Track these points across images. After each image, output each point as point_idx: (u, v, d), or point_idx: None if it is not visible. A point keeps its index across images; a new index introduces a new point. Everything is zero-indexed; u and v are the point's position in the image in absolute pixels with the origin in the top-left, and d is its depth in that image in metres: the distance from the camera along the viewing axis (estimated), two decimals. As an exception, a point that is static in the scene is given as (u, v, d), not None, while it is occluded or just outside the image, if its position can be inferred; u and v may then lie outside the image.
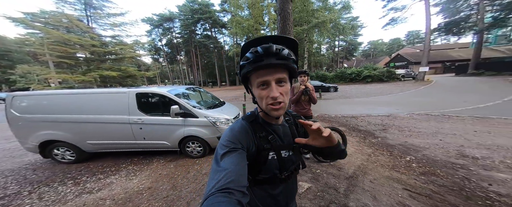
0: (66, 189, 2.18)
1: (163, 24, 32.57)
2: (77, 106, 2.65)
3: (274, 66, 0.44)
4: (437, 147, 2.80)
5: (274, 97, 0.44)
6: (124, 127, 2.71)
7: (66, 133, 2.66)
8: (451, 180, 1.94)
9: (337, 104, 7.62)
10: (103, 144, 2.80)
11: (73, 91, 2.80)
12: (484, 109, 5.19)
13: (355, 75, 18.15)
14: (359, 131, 3.82)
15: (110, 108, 2.68)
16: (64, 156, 2.83)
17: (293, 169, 0.60)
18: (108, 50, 17.69)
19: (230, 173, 0.38)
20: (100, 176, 2.48)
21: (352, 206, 1.57)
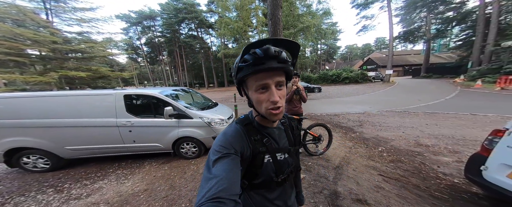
0: (48, 197, 1.95)
1: (143, 22, 29.94)
2: (53, 110, 2.36)
3: (274, 69, 0.42)
4: (400, 139, 3.32)
5: (275, 101, 0.43)
6: (111, 131, 2.51)
7: (38, 139, 2.35)
8: (412, 165, 2.35)
9: (322, 104, 8.22)
10: (85, 149, 2.55)
11: (47, 94, 2.48)
12: (433, 106, 6.26)
13: (335, 77, 19.63)
14: (341, 127, 4.24)
15: (94, 111, 2.45)
16: (36, 164, 2.49)
17: (290, 172, 0.57)
18: (73, 47, 15.38)
19: (222, 181, 0.36)
20: (86, 182, 2.27)
21: (340, 191, 1.80)
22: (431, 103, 6.71)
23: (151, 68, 37.57)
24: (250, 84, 0.46)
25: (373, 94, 10.71)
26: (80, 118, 2.41)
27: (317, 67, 36.84)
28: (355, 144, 3.18)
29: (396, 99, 8.23)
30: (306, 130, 2.52)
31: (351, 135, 3.65)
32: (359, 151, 2.87)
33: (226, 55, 21.41)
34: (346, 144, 3.17)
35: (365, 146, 3.08)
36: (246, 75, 0.43)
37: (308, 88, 13.28)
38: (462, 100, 6.83)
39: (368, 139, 3.40)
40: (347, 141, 3.34)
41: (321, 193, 1.79)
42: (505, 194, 1.27)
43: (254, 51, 0.41)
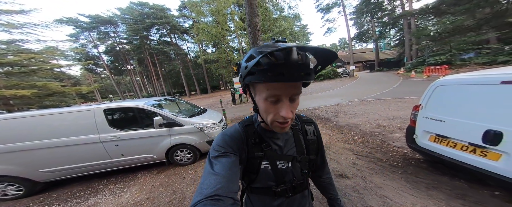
0: None
1: (99, 28, 26.08)
2: (20, 132, 2.04)
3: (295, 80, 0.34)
4: (365, 123, 3.98)
5: (285, 117, 0.38)
6: (94, 147, 2.30)
7: (3, 166, 2.02)
8: (376, 143, 2.89)
9: (303, 100, 8.88)
10: (65, 170, 2.28)
11: (10, 116, 2.10)
12: (385, 93, 7.58)
13: None
14: (321, 119, 4.78)
15: (71, 129, 2.21)
16: (5, 191, 2.13)
17: (298, 184, 0.51)
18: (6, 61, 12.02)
19: (220, 179, 0.36)
20: (77, 200, 2.08)
21: (326, 170, 2.14)
22: (384, 91, 8.10)
23: (116, 79, 32.88)
24: (259, 89, 0.39)
25: (343, 87, 12.15)
26: (54, 138, 2.12)
27: None
28: (333, 131, 3.68)
29: (361, 90, 9.57)
30: None
31: (329, 125, 4.17)
32: (336, 137, 3.34)
33: (206, 61, 20.67)
34: (326, 132, 3.63)
35: (341, 132, 3.60)
36: (259, 81, 0.36)
37: None
38: (404, 87, 8.46)
39: (342, 126, 3.97)
40: (327, 129, 3.82)
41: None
42: (431, 154, 1.67)
43: (273, 53, 0.33)
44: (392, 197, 1.54)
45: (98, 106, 2.42)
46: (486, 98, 1.32)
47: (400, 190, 1.63)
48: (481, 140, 1.29)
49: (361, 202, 1.55)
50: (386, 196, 1.57)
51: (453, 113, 1.53)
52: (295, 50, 0.32)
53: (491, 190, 1.45)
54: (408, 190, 1.62)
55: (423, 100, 1.80)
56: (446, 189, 1.56)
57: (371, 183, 1.80)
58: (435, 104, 1.70)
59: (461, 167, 1.43)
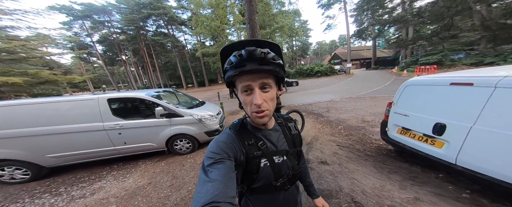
0: (48, 200, 1.94)
1: (93, 16, 24.88)
2: (28, 119, 2.18)
3: (256, 71, 0.41)
4: (353, 118, 4.29)
5: (257, 105, 0.41)
6: (98, 135, 2.48)
7: (12, 150, 2.17)
8: (358, 136, 3.18)
9: (299, 96, 9.16)
10: (71, 156, 2.45)
11: (18, 102, 2.24)
12: (376, 91, 7.92)
13: (309, 71, 21.55)
14: (314, 114, 5.07)
15: (76, 117, 2.37)
16: (13, 175, 2.29)
17: (291, 175, 0.55)
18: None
19: (217, 185, 0.36)
20: (82, 184, 2.28)
21: (311, 158, 2.42)
22: (375, 89, 8.44)
23: (110, 69, 31.88)
24: (237, 85, 0.45)
25: (338, 84, 12.44)
26: (60, 125, 2.28)
27: (294, 62, 39.13)
28: (323, 125, 3.96)
29: (354, 87, 9.88)
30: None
31: (320, 119, 4.46)
32: (325, 130, 3.63)
33: (205, 54, 20.46)
34: (316, 126, 3.92)
35: (329, 126, 3.89)
36: (232, 76, 0.42)
37: (287, 82, 14.37)
38: (394, 86, 8.81)
39: (332, 121, 4.26)
40: (317, 124, 4.11)
41: None
42: (397, 144, 1.95)
43: (240, 52, 0.39)
44: (359, 179, 1.84)
45: (102, 95, 2.55)
46: (438, 97, 1.58)
47: (367, 174, 1.93)
48: (431, 131, 1.56)
49: (334, 182, 1.84)
50: (355, 178, 1.87)
51: (415, 109, 1.80)
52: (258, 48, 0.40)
53: (436, 173, 1.77)
54: (373, 174, 1.92)
55: (395, 98, 2.06)
56: (403, 173, 1.87)
57: (346, 168, 2.09)
58: (404, 101, 1.96)
59: (417, 155, 1.72)
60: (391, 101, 2.13)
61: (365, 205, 1.46)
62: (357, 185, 1.75)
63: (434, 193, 1.52)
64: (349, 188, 1.71)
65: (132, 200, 1.87)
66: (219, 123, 3.27)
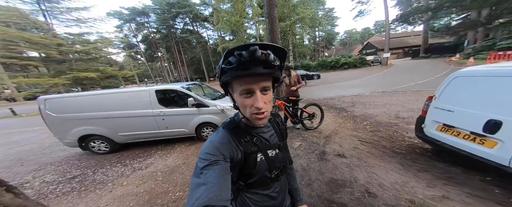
0: (119, 169, 2.67)
1: (136, 19, 28.95)
2: (107, 104, 2.98)
3: (260, 75, 0.41)
4: (383, 114, 3.89)
5: (259, 108, 0.42)
6: (149, 119, 3.14)
7: (100, 128, 3.02)
8: (387, 133, 2.93)
9: (320, 89, 8.70)
10: (132, 135, 3.22)
11: (98, 92, 3.09)
12: (421, 84, 6.70)
13: (334, 63, 19.70)
14: (335, 108, 4.82)
15: (135, 104, 3.05)
16: (99, 147, 3.20)
17: (282, 166, 0.59)
18: (79, 49, 15.74)
19: (211, 188, 0.35)
20: (139, 159, 2.98)
21: (327, 150, 2.45)
22: (420, 82, 7.13)
23: (149, 65, 37.29)
24: (235, 87, 0.44)
25: (370, 77, 11.05)
26: (126, 110, 3.03)
27: (316, 54, 36.31)
28: (345, 120, 3.78)
29: (390, 80, 8.62)
30: (302, 109, 3.11)
31: (343, 114, 4.23)
32: (347, 125, 3.47)
33: (225, 49, 21.48)
34: (337, 121, 3.77)
35: (353, 121, 3.68)
36: (230, 79, 0.41)
37: (307, 75, 13.65)
38: (450, 78, 7.22)
39: (357, 116, 3.99)
40: (339, 118, 3.94)
41: (313, 152, 2.44)
42: (435, 143, 1.78)
43: (240, 53, 0.38)
44: (379, 174, 1.79)
45: (151, 87, 3.17)
46: (496, 90, 1.36)
47: (390, 169, 1.85)
48: (482, 129, 1.38)
49: (349, 174, 1.86)
50: (375, 173, 1.82)
51: (462, 104, 1.58)
52: (258, 48, 0.38)
53: (483, 176, 1.54)
54: (398, 170, 1.82)
55: (438, 91, 1.83)
56: (437, 172, 1.70)
57: (365, 163, 2.04)
58: (449, 94, 1.73)
59: (459, 155, 1.54)
60: (432, 95, 1.90)
61: (380, 196, 1.46)
62: (374, 178, 1.73)
63: (470, 194, 1.37)
64: (365, 180, 1.71)
65: (172, 175, 2.34)
66: None
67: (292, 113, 3.13)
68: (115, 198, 1.97)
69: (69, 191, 2.22)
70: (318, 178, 1.85)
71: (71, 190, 2.22)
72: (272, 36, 4.14)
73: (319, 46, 37.70)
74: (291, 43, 15.08)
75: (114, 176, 2.48)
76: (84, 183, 2.35)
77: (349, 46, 48.96)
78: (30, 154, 3.66)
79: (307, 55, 29.99)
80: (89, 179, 2.45)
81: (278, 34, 4.08)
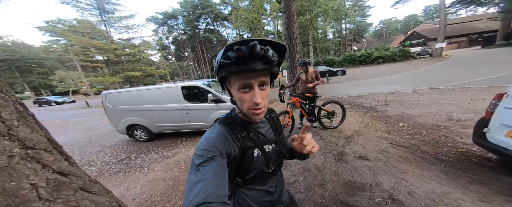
0: (153, 155, 3.17)
1: (168, 22, 33.04)
2: (146, 99, 3.57)
3: (259, 70, 0.41)
4: (429, 115, 3.25)
5: (257, 103, 0.42)
6: (177, 113, 3.58)
7: (141, 119, 3.64)
8: (431, 137, 2.45)
9: (344, 87, 7.92)
10: (164, 126, 3.75)
11: (141, 88, 3.72)
12: (492, 79, 5.22)
13: (364, 57, 17.59)
14: (362, 107, 4.31)
15: (166, 99, 3.54)
16: (140, 136, 3.87)
17: (279, 161, 0.60)
18: (128, 52, 19.30)
19: (208, 185, 0.35)
20: (168, 148, 3.45)
21: (347, 151, 2.25)
22: (491, 76, 5.54)
23: (178, 64, 42.06)
24: (233, 81, 0.44)
25: (415, 72, 9.35)
26: (160, 104, 3.56)
27: (342, 49, 32.90)
28: (374, 121, 3.35)
29: (443, 75, 7.08)
30: (320, 106, 2.93)
31: (371, 114, 3.76)
32: (376, 126, 3.07)
33: None
34: (363, 121, 3.38)
35: (384, 122, 3.23)
36: (228, 73, 0.41)
37: (330, 72, 12.65)
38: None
39: (390, 116, 3.47)
40: (366, 118, 3.52)
41: (330, 152, 2.29)
42: (504, 152, 1.38)
43: (239, 47, 0.39)
44: (410, 181, 1.54)
45: (178, 84, 3.61)
46: None
47: (428, 177, 1.56)
48: None
49: (372, 178, 1.66)
50: (405, 179, 1.58)
51: None
52: (257, 44, 0.38)
53: None
54: (439, 179, 1.52)
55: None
56: (498, 186, 1.34)
57: (394, 168, 1.79)
58: None
59: None
60: (502, 93, 1.50)
61: (408, 204, 1.26)
62: (403, 185, 1.50)
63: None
64: (390, 186, 1.51)
65: (194, 165, 2.66)
66: None
67: (308, 110, 3.00)
68: (148, 181, 2.25)
69: (117, 171, 2.67)
70: (333, 179, 1.74)
71: (119, 171, 2.68)
72: (289, 31, 4.02)
73: (346, 39, 34.01)
74: (311, 37, 13.96)
75: (149, 161, 2.94)
76: (128, 166, 2.81)
77: (387, 37, 42.25)
78: (96, 138, 4.73)
79: (330, 50, 27.52)
80: (132, 162, 2.96)
81: (296, 29, 3.96)
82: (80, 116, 8.76)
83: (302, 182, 1.75)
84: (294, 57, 4.26)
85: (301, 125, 3.37)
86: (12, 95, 0.45)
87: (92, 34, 17.92)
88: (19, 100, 0.45)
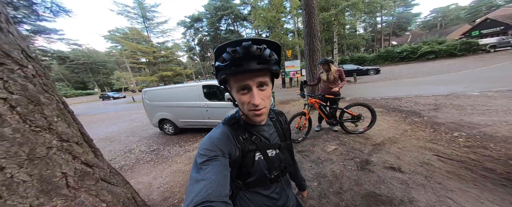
0: (177, 148, 3.54)
1: (194, 25, 36.51)
2: (173, 96, 4.05)
3: (255, 70, 0.40)
4: (503, 124, 2.53)
5: (256, 104, 0.42)
6: (198, 110, 3.91)
7: (169, 114, 4.14)
8: (503, 152, 1.91)
9: (377, 87, 6.96)
10: (187, 122, 4.15)
11: (170, 86, 4.23)
12: None
13: (408, 53, 15.10)
14: (400, 111, 3.71)
15: (189, 97, 3.92)
16: (168, 129, 4.40)
17: (283, 167, 0.59)
18: (163, 54, 22.56)
19: (210, 184, 0.36)
20: (189, 143, 3.79)
21: (373, 160, 1.98)
22: None
23: (202, 64, 45.78)
24: (231, 84, 0.44)
25: (485, 69, 7.42)
26: (184, 101, 3.97)
27: (376, 44, 28.78)
28: (415, 127, 2.84)
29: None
30: (344, 109, 2.68)
31: (412, 119, 3.19)
32: (417, 134, 2.60)
33: None
34: (400, 127, 2.91)
35: (431, 130, 2.70)
36: (227, 75, 0.41)
37: (359, 70, 11.34)
38: None
39: (441, 123, 2.88)
40: (404, 124, 3.02)
41: (351, 159, 2.07)
42: None
43: (234, 49, 0.38)
44: (460, 201, 1.24)
45: (199, 83, 3.94)
46: None
47: (489, 201, 1.23)
48: None
49: (403, 192, 1.42)
50: (452, 198, 1.28)
51: None
52: (252, 43, 0.38)
53: None
54: (505, 204, 1.16)
55: None
56: None
57: (438, 184, 1.48)
58: None
59: None
60: None
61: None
62: (448, 204, 1.22)
63: None
64: (428, 204, 1.26)
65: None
66: None
67: (328, 113, 2.77)
68: (171, 172, 2.42)
69: (149, 160, 2.97)
70: (352, 188, 1.58)
71: (150, 160, 2.98)
72: (309, 29, 3.84)
73: (382, 34, 29.55)
74: (336, 34, 12.48)
75: (173, 154, 3.27)
76: (157, 156, 3.10)
77: (442, 28, 34.62)
78: (137, 129, 5.59)
79: (360, 47, 24.41)
80: (160, 153, 3.23)
81: (316, 26, 3.76)
82: (128, 110, 10.52)
83: (316, 189, 1.65)
84: (313, 56, 4.04)
85: (320, 128, 3.16)
86: (56, 94, 0.55)
87: (138, 39, 21.65)
88: (61, 99, 0.56)
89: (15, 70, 0.41)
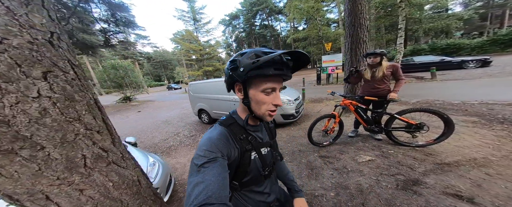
0: None
1: (232, 22, 38.26)
2: (209, 89, 4.54)
3: (287, 78, 0.48)
4: None
5: (279, 105, 0.47)
6: (227, 103, 4.18)
7: (206, 105, 4.70)
8: None
9: (475, 86, 4.77)
10: (218, 113, 4.56)
11: (208, 81, 4.76)
12: None
13: None
14: (482, 116, 2.65)
15: (221, 90, 4.23)
16: (204, 119, 5.06)
17: (273, 163, 0.63)
18: (207, 51, 26.03)
19: (210, 186, 0.36)
20: None
21: (427, 181, 1.48)
22: None
23: None
24: (256, 83, 0.46)
25: None
26: (216, 94, 4.37)
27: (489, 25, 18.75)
28: None
29: None
30: (394, 114, 2.05)
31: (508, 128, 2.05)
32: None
33: (295, 40, 21.51)
34: (503, 147, 1.93)
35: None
36: (260, 75, 0.43)
37: (444, 63, 8.44)
38: None
39: None
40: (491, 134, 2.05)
41: (391, 176, 1.62)
42: None
43: (280, 55, 0.41)
44: None
45: None
46: None
47: None
48: None
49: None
50: None
51: None
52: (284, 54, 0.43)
53: None
54: None
55: None
56: None
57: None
58: None
59: None
60: None
61: None
62: None
63: None
64: None
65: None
66: (296, 109, 3.52)
67: (368, 118, 2.23)
68: None
69: (188, 145, 3.32)
70: (381, 209, 1.28)
71: (188, 144, 3.32)
72: (353, 17, 3.16)
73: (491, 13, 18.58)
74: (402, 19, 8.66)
75: None
76: (194, 141, 3.44)
77: None
78: (184, 116, 6.66)
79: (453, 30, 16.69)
80: (196, 139, 3.59)
81: (364, 13, 3.07)
82: (181, 99, 12.69)
83: (331, 199, 1.46)
84: (358, 49, 3.30)
85: (355, 134, 2.62)
86: (90, 93, 0.67)
87: (190, 40, 25.96)
88: (94, 96, 0.69)
89: (59, 75, 0.53)
